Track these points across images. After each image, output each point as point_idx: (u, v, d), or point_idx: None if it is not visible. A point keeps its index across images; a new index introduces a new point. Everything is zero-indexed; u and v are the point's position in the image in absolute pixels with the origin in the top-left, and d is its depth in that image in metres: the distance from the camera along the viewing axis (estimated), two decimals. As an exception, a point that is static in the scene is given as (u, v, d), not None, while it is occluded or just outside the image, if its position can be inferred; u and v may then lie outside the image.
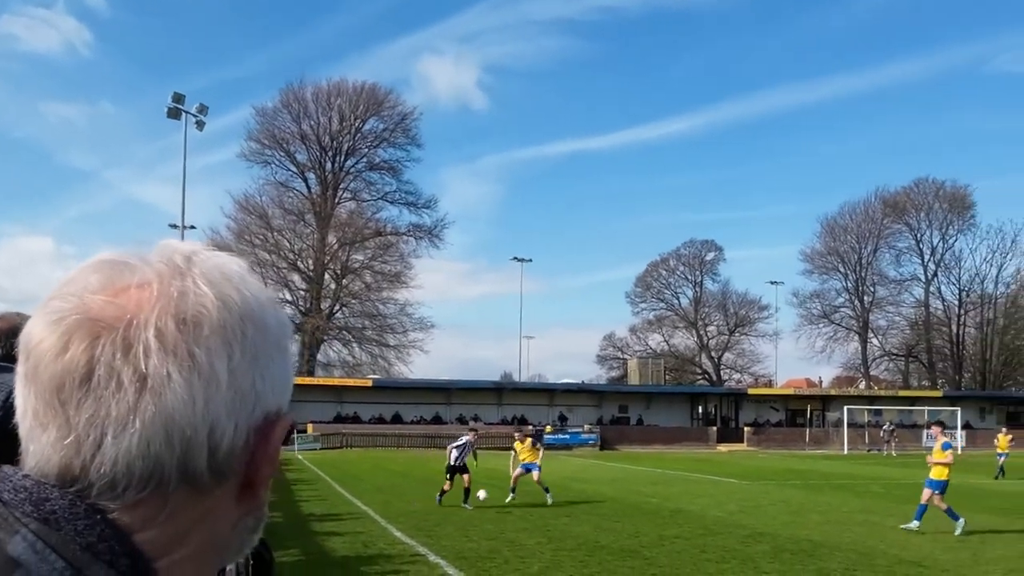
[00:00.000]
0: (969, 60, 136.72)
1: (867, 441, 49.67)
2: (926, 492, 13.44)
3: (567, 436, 47.89)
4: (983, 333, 74.88)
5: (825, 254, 77.66)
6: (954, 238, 74.43)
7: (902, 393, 62.98)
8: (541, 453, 17.34)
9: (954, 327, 75.38)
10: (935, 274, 75.08)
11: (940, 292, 75.93)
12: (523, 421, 46.43)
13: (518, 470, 16.99)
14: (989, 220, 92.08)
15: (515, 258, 67.92)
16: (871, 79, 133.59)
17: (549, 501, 16.11)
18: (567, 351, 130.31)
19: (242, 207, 61.23)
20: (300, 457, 33.70)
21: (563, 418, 52.62)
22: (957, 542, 12.18)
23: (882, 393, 64.28)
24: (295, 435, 36.07)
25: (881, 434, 48.91)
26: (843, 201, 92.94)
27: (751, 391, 61.34)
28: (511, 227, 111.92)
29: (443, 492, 15.94)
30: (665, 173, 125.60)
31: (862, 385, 76.82)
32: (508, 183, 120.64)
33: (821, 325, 77.58)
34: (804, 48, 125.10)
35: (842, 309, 77.85)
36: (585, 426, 50.48)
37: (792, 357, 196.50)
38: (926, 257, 75.18)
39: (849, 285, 77.03)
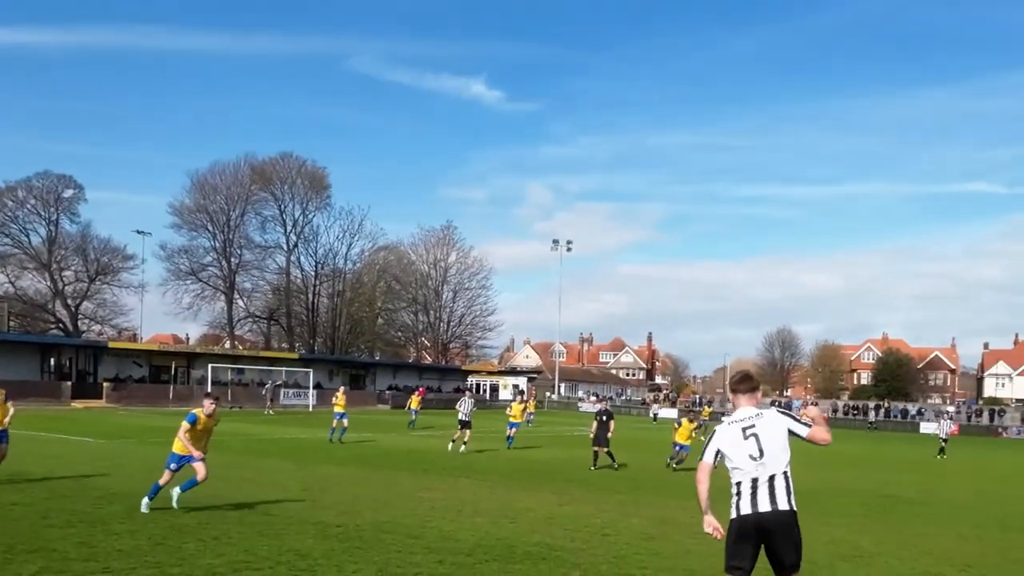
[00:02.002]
0: (335, 53, 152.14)
1: (229, 399, 51.36)
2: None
3: None
4: (334, 303, 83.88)
5: (194, 210, 76.85)
6: (313, 214, 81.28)
7: (263, 353, 66.87)
8: None
9: (310, 295, 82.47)
10: (296, 245, 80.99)
11: (300, 262, 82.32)
12: None
13: None
14: (342, 202, 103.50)
15: None
16: (245, 45, 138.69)
17: None
18: None
19: None
20: None
21: None
22: (300, 491, 13.53)
23: (245, 353, 67.25)
24: None
25: (263, 392, 51.11)
26: (214, 160, 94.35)
27: (112, 344, 58.24)
28: None
29: None
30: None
31: (227, 344, 79.14)
32: None
33: (189, 282, 77.25)
34: None
35: (210, 268, 78.36)
36: None
37: (159, 312, 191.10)
38: (288, 227, 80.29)
39: (217, 245, 77.73)
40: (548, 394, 67.33)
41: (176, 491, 10.97)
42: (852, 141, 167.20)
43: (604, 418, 19.82)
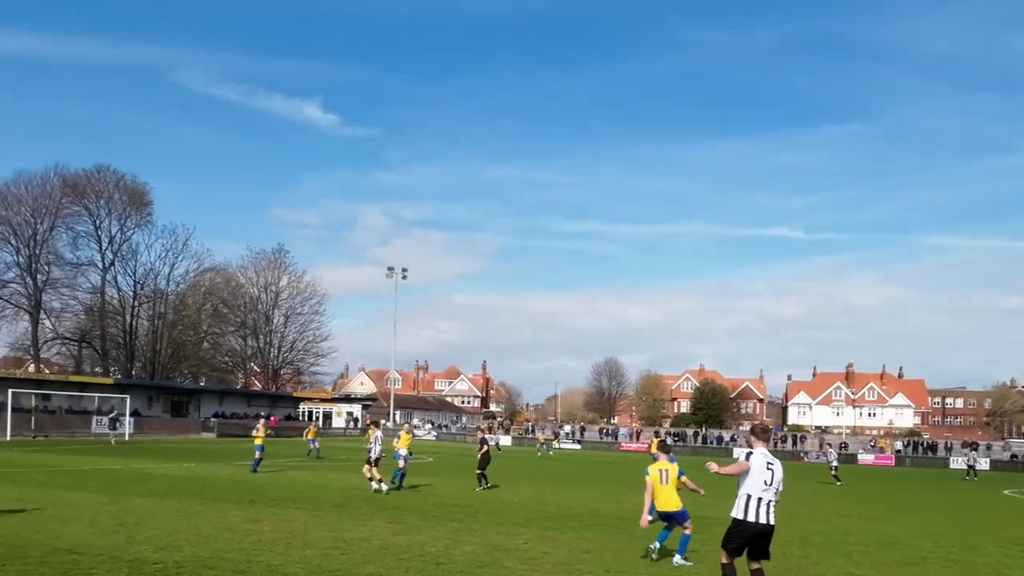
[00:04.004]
0: (159, 64, 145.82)
1: (33, 427, 47.07)
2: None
3: None
4: (155, 325, 79.04)
5: (-4, 222, 70.34)
6: (132, 231, 76.69)
7: (73, 378, 61.87)
8: None
9: (128, 317, 77.20)
10: (112, 263, 75.92)
11: (116, 281, 77.09)
12: None
13: None
14: (165, 221, 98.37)
15: None
16: (61, 47, 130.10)
17: None
18: None
19: None
20: None
21: None
22: (113, 526, 12.63)
23: (53, 377, 61.98)
24: None
25: (106, 419, 47.38)
26: (18, 168, 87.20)
27: None
28: None
29: None
30: None
31: (31, 368, 72.60)
32: None
33: (-14, 299, 70.09)
34: None
35: (12, 284, 71.91)
36: None
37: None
38: (104, 244, 75.31)
39: (21, 260, 71.53)
40: (383, 421, 66.30)
41: None
42: (669, 184, 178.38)
43: (484, 445, 23.22)
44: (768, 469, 7.80)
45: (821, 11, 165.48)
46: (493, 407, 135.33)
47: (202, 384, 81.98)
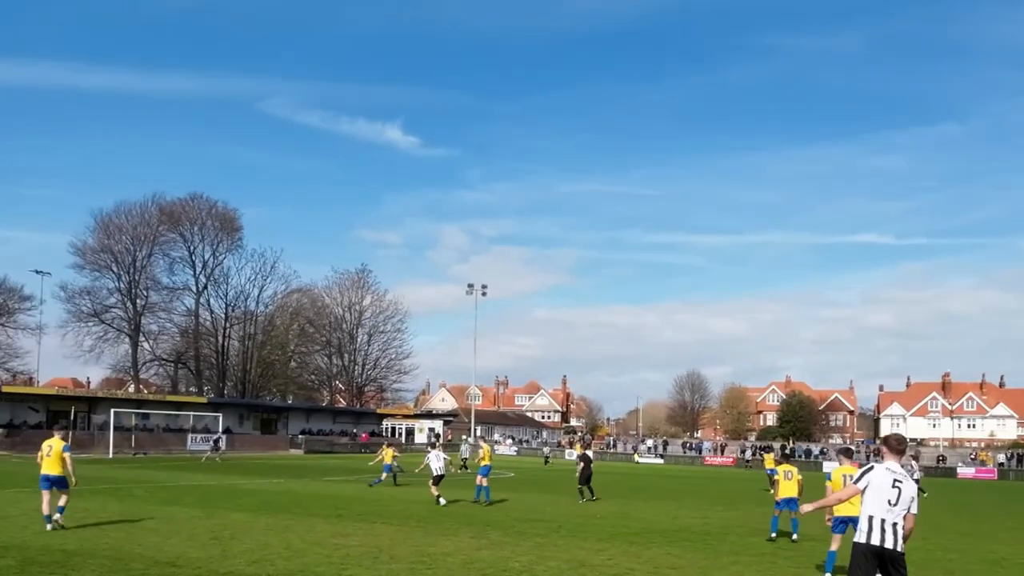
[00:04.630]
0: (247, 94, 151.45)
1: (133, 445, 49.16)
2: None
3: None
4: (245, 346, 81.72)
5: (98, 251, 73.78)
6: (223, 255, 79.33)
7: (170, 398, 64.43)
8: None
9: (220, 338, 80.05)
10: (205, 286, 78.76)
11: (209, 304, 79.95)
12: None
13: None
14: (254, 244, 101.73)
15: None
16: (155, 83, 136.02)
17: None
18: None
19: None
20: None
21: None
22: (209, 540, 13.09)
23: (150, 397, 64.67)
24: None
25: (212, 440, 48.78)
26: (119, 199, 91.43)
27: (6, 389, 55.00)
28: None
29: None
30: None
31: (131, 388, 75.92)
32: None
33: (91, 323, 73.66)
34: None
35: (114, 309, 75.27)
36: None
37: (58, 355, 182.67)
38: (198, 269, 78.06)
39: (122, 286, 74.77)
40: (464, 437, 66.93)
41: None
42: (752, 193, 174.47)
43: (584, 462, 23.98)
44: (895, 487, 6.95)
45: (908, 11, 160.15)
46: (574, 421, 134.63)
47: (290, 402, 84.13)
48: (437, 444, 24.18)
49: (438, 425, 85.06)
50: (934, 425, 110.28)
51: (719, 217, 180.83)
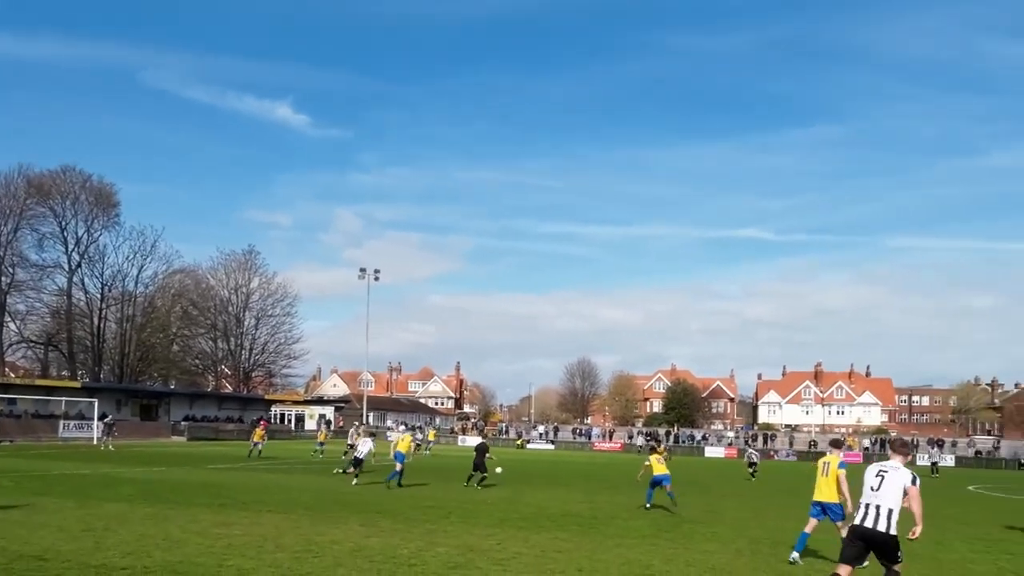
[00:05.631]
0: (127, 64, 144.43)
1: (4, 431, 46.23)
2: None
3: None
4: (123, 328, 77.96)
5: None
6: (99, 232, 75.58)
7: (40, 382, 60.95)
8: None
9: (95, 320, 76.08)
10: (79, 265, 74.67)
11: (84, 283, 75.93)
12: None
13: None
14: (133, 222, 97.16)
15: None
16: (22, 47, 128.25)
17: None
18: None
19: None
20: None
21: None
22: (81, 531, 12.47)
23: (17, 381, 61.00)
24: None
25: (103, 424, 45.81)
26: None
27: None
28: None
29: None
30: None
31: (-4, 371, 71.31)
32: None
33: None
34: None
35: (-25, 287, 70.17)
36: None
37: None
38: (70, 246, 74.11)
39: (-14, 262, 69.94)
40: (356, 423, 65.91)
41: None
42: (644, 187, 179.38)
43: (483, 449, 23.91)
44: (878, 476, 8.12)
45: (795, 15, 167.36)
46: (467, 408, 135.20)
47: (172, 387, 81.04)
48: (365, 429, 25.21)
49: (329, 412, 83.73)
50: (807, 412, 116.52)
51: (612, 209, 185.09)
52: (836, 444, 13.36)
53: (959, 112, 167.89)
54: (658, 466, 18.85)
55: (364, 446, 24.08)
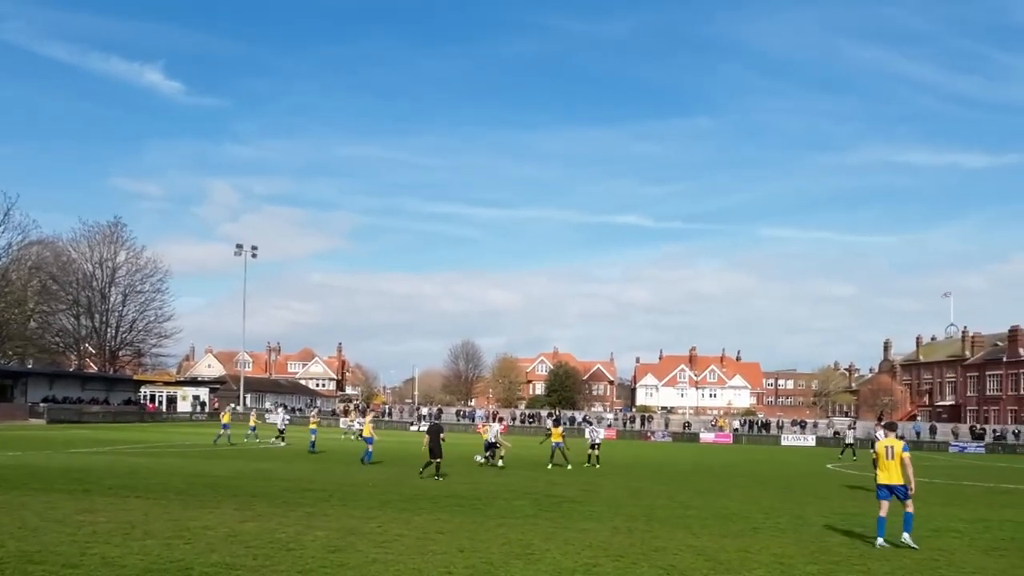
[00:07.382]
0: None
1: None
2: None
3: None
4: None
5: None
6: (-57, 199, 69.14)
7: None
8: None
9: (-56, 293, 70.40)
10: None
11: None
12: None
13: None
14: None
15: None
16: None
17: None
18: None
19: None
20: None
21: None
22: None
23: None
24: None
25: None
26: None
27: None
28: None
29: None
30: None
31: None
32: None
33: None
34: None
35: None
36: None
37: None
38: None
39: None
40: (233, 405, 63.73)
41: None
42: (527, 169, 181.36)
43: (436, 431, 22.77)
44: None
45: (671, 6, 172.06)
46: (349, 390, 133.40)
47: (29, 366, 76.08)
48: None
49: (203, 393, 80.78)
50: (682, 395, 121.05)
51: (495, 190, 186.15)
52: (891, 427, 13.49)
53: (821, 110, 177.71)
54: (556, 435, 28.68)
55: (490, 433, 27.39)
